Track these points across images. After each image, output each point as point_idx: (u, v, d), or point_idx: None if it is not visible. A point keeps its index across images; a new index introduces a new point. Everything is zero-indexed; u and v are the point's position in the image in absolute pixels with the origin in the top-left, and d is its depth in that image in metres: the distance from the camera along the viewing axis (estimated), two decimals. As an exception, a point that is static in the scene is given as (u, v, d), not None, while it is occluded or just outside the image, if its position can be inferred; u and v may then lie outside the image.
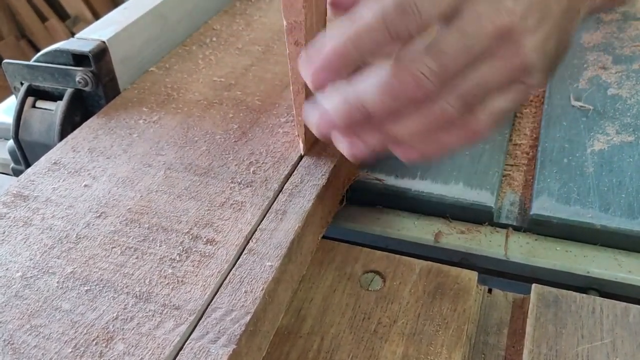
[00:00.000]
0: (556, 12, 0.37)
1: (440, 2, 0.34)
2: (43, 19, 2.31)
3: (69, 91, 0.53)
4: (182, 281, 0.36)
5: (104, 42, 0.53)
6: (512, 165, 0.53)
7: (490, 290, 0.44)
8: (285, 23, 0.38)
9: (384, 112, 0.36)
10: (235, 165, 0.45)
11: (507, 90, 0.37)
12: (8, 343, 0.33)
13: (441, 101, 0.36)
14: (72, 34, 0.55)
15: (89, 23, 0.57)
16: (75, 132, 0.50)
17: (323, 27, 0.41)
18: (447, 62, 0.35)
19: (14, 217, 0.41)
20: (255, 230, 0.40)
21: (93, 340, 0.33)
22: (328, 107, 0.36)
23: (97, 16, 2.18)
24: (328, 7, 0.37)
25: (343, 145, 0.39)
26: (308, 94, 0.41)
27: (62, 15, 2.36)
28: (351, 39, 0.34)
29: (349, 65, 0.35)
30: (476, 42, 0.35)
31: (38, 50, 0.54)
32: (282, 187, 0.43)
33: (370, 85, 0.36)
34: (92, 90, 0.53)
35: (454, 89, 0.36)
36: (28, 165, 0.54)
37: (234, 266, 0.37)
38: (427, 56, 0.35)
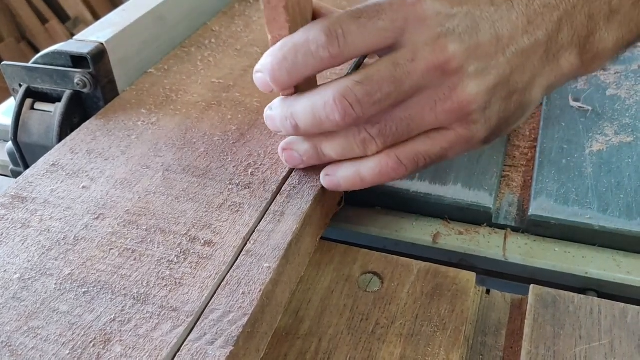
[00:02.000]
0: (504, 65, 0.34)
1: (371, 34, 0.34)
2: (43, 20, 2.31)
3: (67, 93, 0.53)
4: (180, 283, 0.36)
5: (102, 43, 0.53)
6: (510, 166, 0.53)
7: (488, 291, 0.44)
8: (270, 37, 0.39)
9: (311, 131, 0.39)
10: (234, 166, 0.45)
11: (433, 134, 0.37)
12: (6, 345, 0.33)
13: (363, 130, 0.37)
14: (72, 36, 0.55)
15: (89, 25, 0.57)
16: (74, 133, 0.50)
17: None
18: (372, 90, 0.34)
19: (12, 219, 0.41)
20: (253, 231, 0.40)
21: (90, 342, 0.33)
22: (273, 116, 0.40)
23: (97, 18, 2.18)
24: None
25: (283, 155, 0.43)
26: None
27: (63, 17, 2.36)
28: (281, 55, 0.36)
29: (288, 78, 0.37)
30: (405, 76, 0.34)
31: (38, 52, 0.54)
32: (280, 189, 0.43)
33: (302, 106, 0.38)
34: (90, 92, 0.53)
35: (378, 120, 0.36)
36: (27, 167, 0.54)
37: (231, 268, 0.37)
38: (356, 83, 0.35)
